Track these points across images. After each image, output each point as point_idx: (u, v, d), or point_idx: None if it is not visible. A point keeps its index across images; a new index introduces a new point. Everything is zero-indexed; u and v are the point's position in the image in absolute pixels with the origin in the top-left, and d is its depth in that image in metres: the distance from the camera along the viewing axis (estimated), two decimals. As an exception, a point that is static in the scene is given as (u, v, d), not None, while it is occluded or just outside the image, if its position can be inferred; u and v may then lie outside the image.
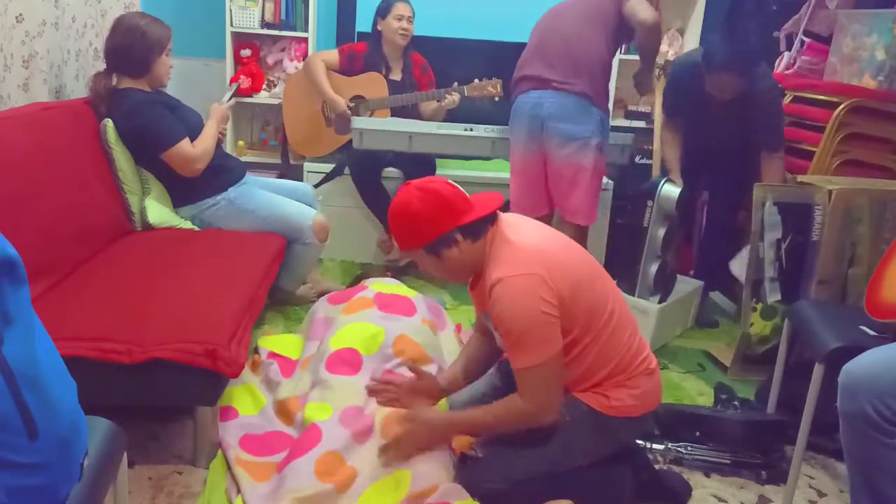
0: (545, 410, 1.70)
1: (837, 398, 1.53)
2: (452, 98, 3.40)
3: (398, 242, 1.78)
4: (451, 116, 3.51)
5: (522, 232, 1.74)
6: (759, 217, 2.57)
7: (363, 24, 3.81)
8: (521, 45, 2.95)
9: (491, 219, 1.74)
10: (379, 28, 3.50)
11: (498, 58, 3.78)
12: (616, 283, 1.89)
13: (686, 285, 3.08)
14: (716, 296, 3.39)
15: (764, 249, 2.60)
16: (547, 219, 2.87)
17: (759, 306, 2.63)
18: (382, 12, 3.48)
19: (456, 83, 3.42)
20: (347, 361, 2.16)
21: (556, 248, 1.74)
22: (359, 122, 3.26)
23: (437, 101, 3.46)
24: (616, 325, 1.74)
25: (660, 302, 2.84)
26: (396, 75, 3.56)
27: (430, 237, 1.70)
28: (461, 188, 1.75)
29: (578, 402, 1.77)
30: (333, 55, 3.55)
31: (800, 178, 2.68)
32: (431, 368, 2.22)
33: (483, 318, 1.87)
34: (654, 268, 2.83)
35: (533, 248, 1.69)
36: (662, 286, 2.87)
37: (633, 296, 2.84)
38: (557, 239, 1.81)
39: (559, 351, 1.66)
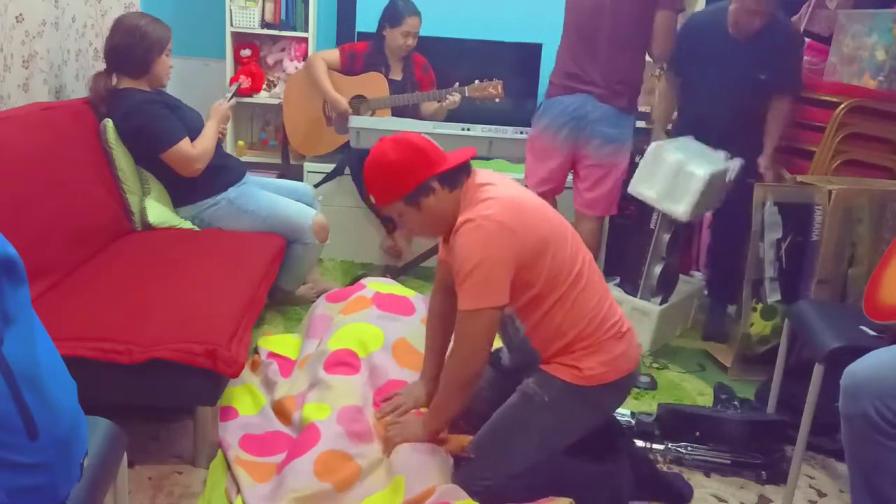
0: (473, 357, 1.72)
1: (839, 399, 1.52)
2: (453, 99, 3.40)
3: (376, 198, 1.79)
4: (450, 116, 3.51)
5: (497, 184, 1.76)
6: (760, 217, 2.57)
7: (363, 24, 3.81)
8: (522, 45, 2.95)
9: (466, 169, 1.78)
10: (384, 34, 3.49)
11: (498, 58, 3.79)
12: (619, 282, 1.90)
13: (687, 285, 3.08)
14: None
15: (764, 249, 2.60)
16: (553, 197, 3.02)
17: (759, 306, 2.63)
18: (391, 21, 3.44)
19: (457, 83, 3.42)
20: (346, 362, 2.16)
21: (529, 202, 1.77)
22: (355, 122, 3.26)
23: (439, 101, 3.46)
24: (585, 287, 1.76)
25: (661, 303, 2.85)
26: (397, 75, 3.56)
27: (408, 187, 1.72)
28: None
29: (552, 378, 1.77)
30: (334, 54, 3.55)
31: (800, 178, 2.68)
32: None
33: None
34: (657, 269, 2.84)
35: (506, 198, 1.71)
36: (665, 288, 2.87)
37: (636, 297, 2.85)
38: (530, 195, 1.83)
39: (501, 306, 1.68)
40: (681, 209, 2.64)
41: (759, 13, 2.69)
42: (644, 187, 2.73)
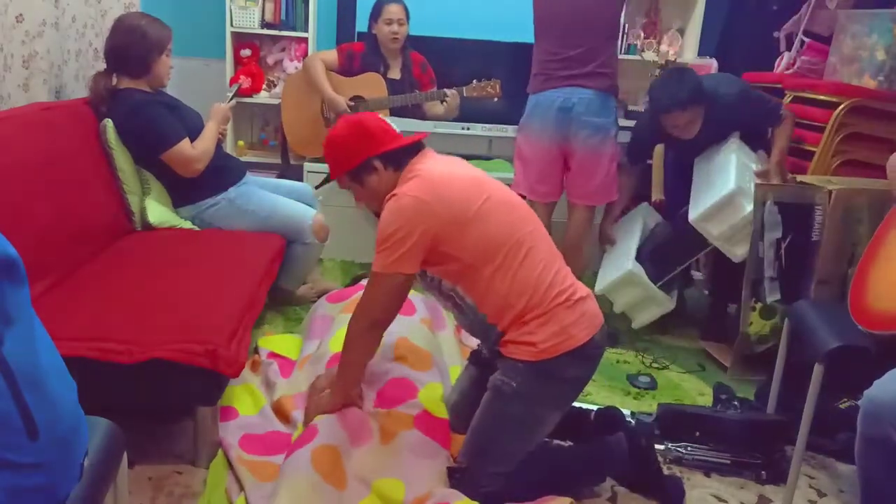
0: (371, 307, 1.85)
1: (858, 421, 1.51)
2: (453, 100, 3.41)
3: (330, 170, 1.93)
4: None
5: (438, 163, 1.86)
6: (759, 216, 2.57)
7: (363, 23, 3.81)
8: (521, 45, 2.96)
9: (412, 151, 1.87)
10: (374, 32, 3.50)
11: (497, 57, 3.79)
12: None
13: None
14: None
15: (764, 249, 2.60)
16: (554, 204, 3.08)
17: (759, 306, 2.63)
18: (374, 16, 3.49)
19: (454, 88, 3.42)
20: None
21: (458, 181, 1.82)
22: None
23: (440, 101, 3.47)
24: (526, 255, 1.80)
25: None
26: (395, 74, 3.56)
27: (351, 163, 1.85)
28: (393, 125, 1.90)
29: (513, 363, 1.80)
30: (332, 55, 3.55)
31: (799, 178, 2.68)
32: (432, 372, 2.22)
33: None
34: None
35: (432, 175, 1.80)
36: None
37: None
38: (465, 173, 1.88)
39: (404, 274, 1.77)
40: (739, 252, 2.70)
41: (688, 124, 2.77)
42: (710, 225, 2.71)
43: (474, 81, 3.40)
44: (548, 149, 2.94)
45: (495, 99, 3.39)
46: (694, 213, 2.73)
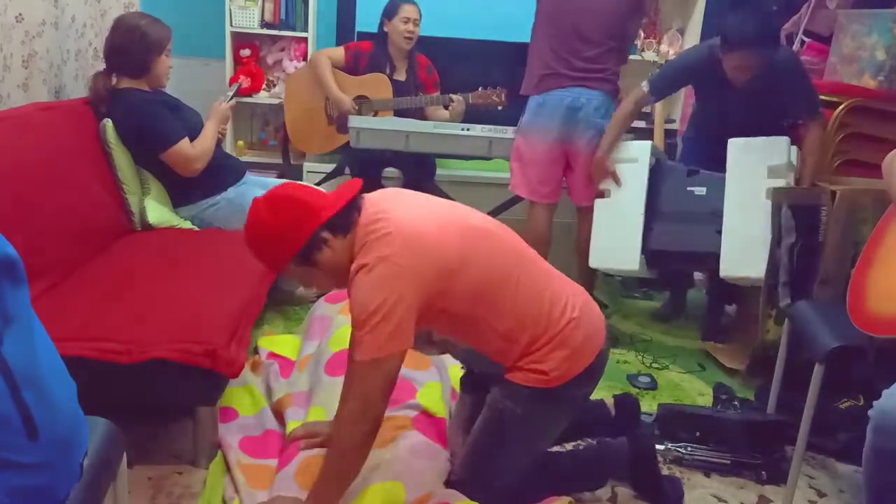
0: (368, 412, 1.53)
1: (868, 432, 1.49)
2: (458, 105, 3.41)
3: (266, 265, 1.64)
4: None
5: (392, 210, 1.58)
6: (777, 222, 2.53)
7: (363, 23, 3.81)
8: (523, 45, 2.96)
9: (355, 206, 1.59)
10: (385, 29, 3.49)
11: (500, 57, 3.79)
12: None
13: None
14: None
15: (781, 254, 2.56)
16: (555, 204, 3.03)
17: (774, 313, 2.57)
18: (389, 14, 3.48)
19: (459, 94, 3.42)
20: (346, 364, 2.15)
21: (431, 221, 1.59)
22: (356, 121, 3.26)
23: (444, 106, 3.47)
24: (518, 288, 1.63)
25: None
26: (401, 76, 3.56)
27: (296, 246, 1.55)
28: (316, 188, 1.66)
29: (519, 388, 1.66)
30: (339, 52, 3.55)
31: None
32: (431, 372, 2.21)
33: None
34: None
35: (403, 227, 1.54)
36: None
37: None
38: (432, 207, 1.66)
39: (403, 351, 1.53)
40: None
41: (748, 70, 2.58)
42: (748, 270, 2.59)
43: (480, 88, 3.41)
44: (550, 149, 2.92)
45: (500, 107, 3.40)
46: (728, 271, 2.62)
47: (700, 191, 2.75)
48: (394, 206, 1.61)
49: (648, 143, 2.83)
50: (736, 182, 2.63)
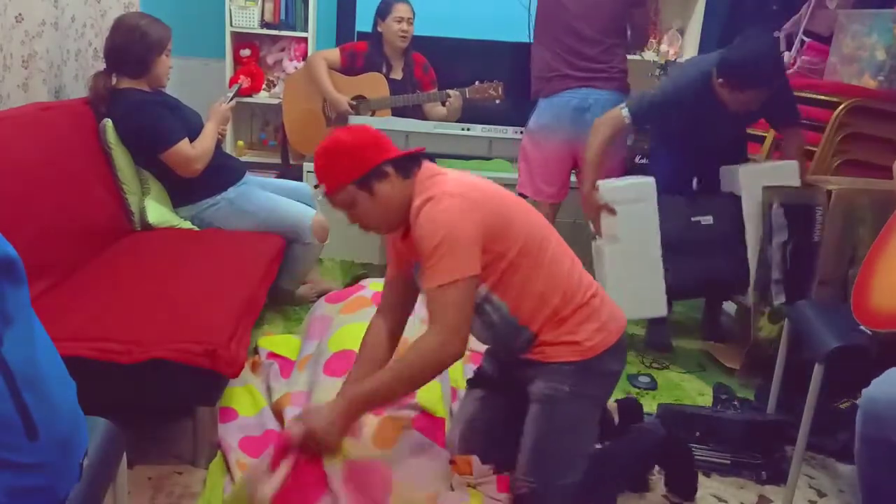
0: (454, 335, 1.60)
1: (857, 421, 1.50)
2: (455, 101, 3.41)
3: (328, 184, 1.71)
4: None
5: (448, 172, 1.74)
6: (768, 219, 2.55)
7: (363, 23, 3.81)
8: (522, 45, 2.96)
9: (417, 161, 1.74)
10: (379, 29, 3.50)
11: (498, 58, 3.79)
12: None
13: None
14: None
15: (771, 252, 2.57)
16: (559, 205, 3.02)
17: (768, 310, 2.60)
18: (382, 13, 3.49)
19: (456, 89, 3.42)
20: (346, 364, 2.15)
21: (481, 182, 1.74)
22: (356, 121, 3.27)
23: (441, 103, 3.47)
24: (555, 249, 1.75)
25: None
26: (397, 74, 3.57)
27: (361, 169, 1.67)
28: None
29: (558, 366, 1.72)
30: (335, 54, 3.55)
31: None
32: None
33: (416, 271, 1.79)
34: None
35: (460, 179, 1.70)
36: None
37: None
38: (483, 179, 1.78)
39: (475, 276, 1.61)
40: None
41: (752, 104, 2.51)
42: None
43: (476, 83, 3.40)
44: (557, 150, 2.91)
45: (497, 101, 3.39)
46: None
47: (707, 220, 2.70)
48: (449, 171, 1.76)
49: (650, 179, 2.66)
50: (754, 211, 2.61)
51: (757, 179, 2.61)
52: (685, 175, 2.85)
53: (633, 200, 2.64)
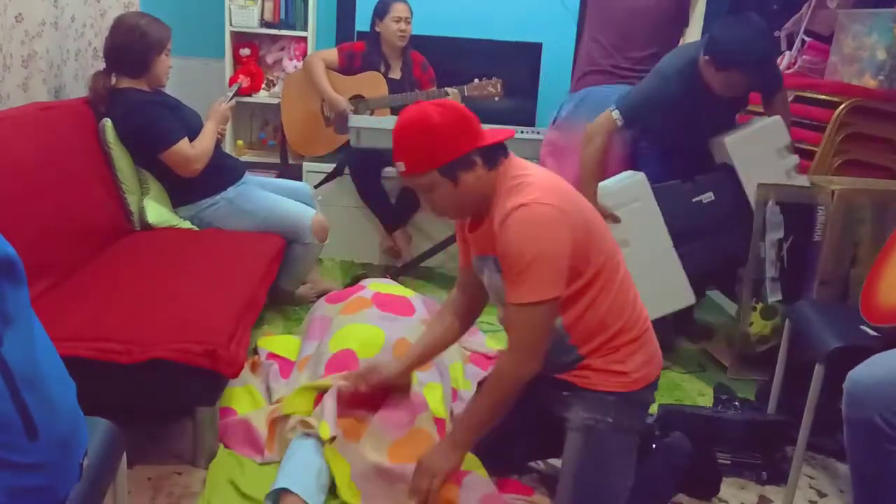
0: (530, 355, 1.57)
1: (843, 404, 1.51)
2: (454, 99, 3.40)
3: (408, 164, 1.58)
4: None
5: (534, 169, 1.65)
6: (761, 216, 2.56)
7: (363, 23, 3.81)
8: (522, 45, 2.96)
9: (506, 149, 1.63)
10: (377, 29, 3.50)
11: (498, 57, 3.79)
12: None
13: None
14: (714, 294, 3.37)
15: (765, 249, 2.58)
16: None
17: (759, 306, 2.63)
18: (380, 13, 3.49)
19: (455, 87, 3.42)
20: (346, 364, 2.15)
21: (567, 186, 1.66)
22: (356, 121, 3.26)
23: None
24: (624, 275, 1.69)
25: None
26: (396, 74, 3.56)
27: (449, 156, 1.54)
28: None
29: (602, 395, 1.66)
30: (333, 54, 3.55)
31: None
32: (432, 372, 2.21)
33: (477, 263, 1.74)
34: None
35: (550, 183, 1.59)
36: None
37: None
38: (564, 181, 1.70)
39: (558, 297, 1.55)
40: None
41: (746, 85, 2.48)
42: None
43: (475, 80, 3.40)
44: None
45: (496, 98, 3.39)
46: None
47: (708, 197, 2.65)
48: (534, 166, 1.66)
49: (640, 175, 2.61)
50: (752, 179, 2.57)
51: (745, 146, 2.58)
52: (675, 176, 2.75)
53: (630, 201, 2.59)
